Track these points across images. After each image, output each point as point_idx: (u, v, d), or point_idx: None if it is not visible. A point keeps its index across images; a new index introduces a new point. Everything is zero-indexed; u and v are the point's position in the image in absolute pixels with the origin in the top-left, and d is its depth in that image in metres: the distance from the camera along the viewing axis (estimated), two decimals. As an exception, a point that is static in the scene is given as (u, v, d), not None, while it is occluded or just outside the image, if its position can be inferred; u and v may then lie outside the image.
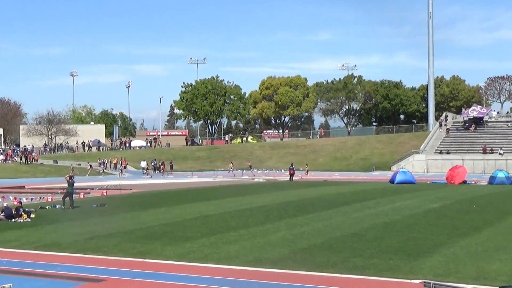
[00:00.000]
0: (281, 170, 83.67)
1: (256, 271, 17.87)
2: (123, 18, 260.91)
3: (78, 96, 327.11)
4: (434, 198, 41.86)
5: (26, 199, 41.30)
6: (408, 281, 16.22)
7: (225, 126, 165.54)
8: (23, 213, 31.16)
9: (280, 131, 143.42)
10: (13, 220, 30.22)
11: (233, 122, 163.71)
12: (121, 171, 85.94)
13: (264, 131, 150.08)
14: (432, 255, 19.60)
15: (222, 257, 19.85)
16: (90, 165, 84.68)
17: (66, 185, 38.08)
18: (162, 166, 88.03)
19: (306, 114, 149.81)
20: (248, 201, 40.64)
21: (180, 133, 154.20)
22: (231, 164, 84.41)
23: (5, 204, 32.99)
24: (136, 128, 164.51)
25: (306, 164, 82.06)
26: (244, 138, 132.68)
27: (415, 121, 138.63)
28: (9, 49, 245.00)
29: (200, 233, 25.36)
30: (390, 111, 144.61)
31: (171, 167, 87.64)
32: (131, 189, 52.04)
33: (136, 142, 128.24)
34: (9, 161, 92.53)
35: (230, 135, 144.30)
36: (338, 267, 18.08)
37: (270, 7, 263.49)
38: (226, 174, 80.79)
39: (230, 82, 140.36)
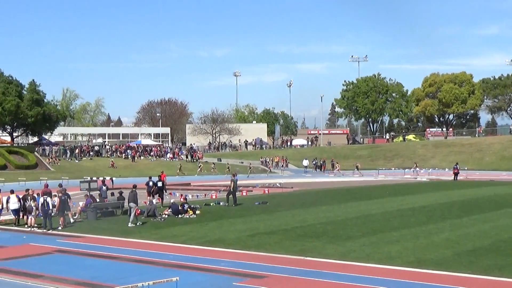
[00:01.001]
0: (444, 169, 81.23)
1: (418, 272, 17.45)
2: (285, 18, 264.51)
3: (241, 95, 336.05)
4: None
5: (192, 196, 42.89)
6: None
7: (386, 124, 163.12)
8: (189, 210, 32.36)
9: (444, 129, 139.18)
10: (179, 216, 31.42)
11: (395, 120, 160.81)
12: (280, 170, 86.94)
13: (427, 129, 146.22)
14: None
15: (383, 257, 19.55)
16: (250, 165, 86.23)
17: (229, 183, 39.03)
18: (323, 166, 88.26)
19: (472, 111, 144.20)
20: (410, 200, 39.73)
21: (341, 132, 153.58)
22: (415, 164, 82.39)
23: (172, 201, 34.38)
24: (297, 126, 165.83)
25: (415, 163, 80.00)
26: (407, 137, 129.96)
27: None
28: (176, 51, 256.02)
29: (361, 232, 25.13)
30: None
31: (332, 165, 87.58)
32: (292, 187, 52.47)
33: (298, 141, 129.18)
34: (176, 159, 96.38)
35: (392, 133, 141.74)
36: (505, 270, 17.26)
37: (434, 1, 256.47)
38: (393, 173, 79.57)
39: (392, 80, 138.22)
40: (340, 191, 49.07)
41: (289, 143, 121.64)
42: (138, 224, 29.10)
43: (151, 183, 38.29)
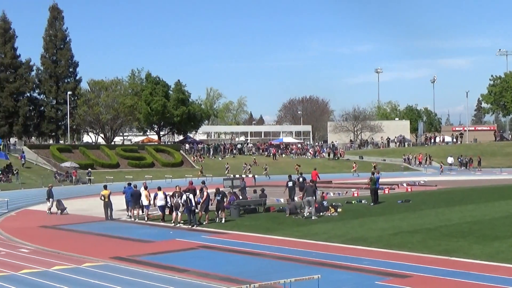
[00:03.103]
0: None
1: None
2: (427, 12, 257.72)
3: (382, 92, 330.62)
4: None
5: (334, 193, 42.77)
6: None
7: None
8: (330, 207, 32.29)
9: None
10: (321, 214, 31.38)
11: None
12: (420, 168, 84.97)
13: None
14: None
15: (534, 259, 18.61)
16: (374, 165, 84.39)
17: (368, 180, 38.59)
18: (470, 164, 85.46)
19: None
20: None
21: (488, 128, 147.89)
22: None
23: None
24: (441, 123, 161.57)
25: (441, 162, 75.53)
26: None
27: None
28: (318, 49, 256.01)
29: (510, 232, 24.04)
30: None
31: (479, 163, 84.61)
32: (436, 186, 51.15)
33: (442, 138, 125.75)
34: (318, 157, 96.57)
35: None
36: None
37: None
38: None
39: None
40: (488, 190, 47.22)
41: (432, 140, 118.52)
42: (312, 217, 29.94)
43: (301, 179, 39.97)
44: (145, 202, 32.10)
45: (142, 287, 16.16)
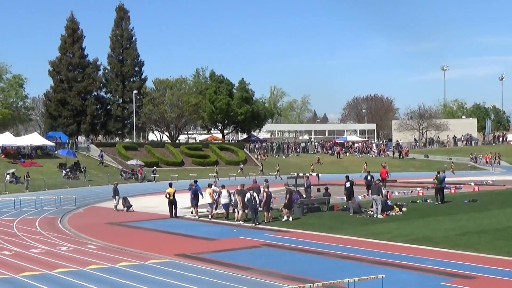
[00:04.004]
0: None
1: None
2: (491, 7, 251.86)
3: (449, 90, 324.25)
4: None
5: (398, 192, 42.29)
6: None
7: None
8: (395, 206, 31.95)
9: None
10: (385, 213, 31.05)
11: None
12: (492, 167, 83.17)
13: None
14: None
15: None
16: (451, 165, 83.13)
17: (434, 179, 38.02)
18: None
19: None
20: None
21: None
22: None
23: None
24: (510, 121, 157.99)
25: (452, 166, 72.66)
26: None
27: None
28: (383, 47, 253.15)
29: None
30: None
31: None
32: (504, 185, 49.99)
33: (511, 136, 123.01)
34: (382, 156, 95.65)
35: None
36: None
37: None
38: None
39: None
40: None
41: (501, 139, 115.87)
42: (378, 216, 29.92)
43: (369, 177, 40.91)
44: (208, 200, 32.34)
45: (206, 284, 16.30)
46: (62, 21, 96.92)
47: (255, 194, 29.18)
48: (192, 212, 33.62)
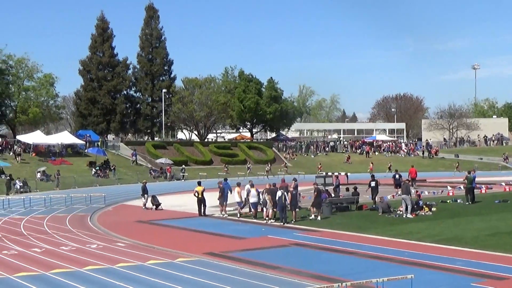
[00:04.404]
0: None
1: None
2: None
3: (480, 89, 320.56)
4: None
5: (428, 192, 41.96)
6: None
7: None
8: (424, 206, 31.72)
9: None
10: (417, 213, 30.82)
11: None
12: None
13: None
14: None
15: None
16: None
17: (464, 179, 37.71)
18: None
19: None
20: None
21: None
22: None
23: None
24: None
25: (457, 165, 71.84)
26: None
27: None
28: (412, 45, 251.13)
29: None
30: None
31: None
32: (536, 185, 49.29)
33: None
34: (411, 155, 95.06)
35: None
36: None
37: None
38: None
39: None
40: None
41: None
42: (407, 215, 29.78)
43: (397, 176, 41.83)
44: (237, 198, 32.39)
45: (235, 283, 16.32)
46: (93, 21, 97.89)
47: (285, 193, 29.11)
48: (221, 211, 33.65)
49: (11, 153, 67.17)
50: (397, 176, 42.42)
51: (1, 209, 38.27)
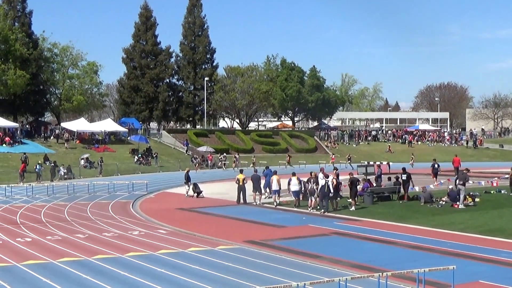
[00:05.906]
0: None
1: None
2: None
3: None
4: None
5: (472, 182, 41.34)
6: None
7: None
8: (468, 197, 31.28)
9: None
10: (457, 203, 30.42)
11: None
12: None
13: None
14: None
15: None
16: None
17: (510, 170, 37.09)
18: None
19: None
20: None
21: None
22: None
23: (450, 187, 33.38)
24: None
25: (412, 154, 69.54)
26: None
27: None
28: (459, 34, 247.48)
29: None
30: None
31: None
32: None
33: None
34: (455, 145, 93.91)
35: None
36: None
37: None
38: None
39: None
40: None
41: None
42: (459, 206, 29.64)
43: (436, 165, 42.16)
44: (275, 187, 32.32)
45: (275, 271, 16.32)
46: (136, 9, 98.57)
47: (329, 182, 28.90)
48: (255, 199, 33.54)
49: (57, 140, 68.16)
50: (436, 165, 42.17)
51: (46, 195, 38.86)
